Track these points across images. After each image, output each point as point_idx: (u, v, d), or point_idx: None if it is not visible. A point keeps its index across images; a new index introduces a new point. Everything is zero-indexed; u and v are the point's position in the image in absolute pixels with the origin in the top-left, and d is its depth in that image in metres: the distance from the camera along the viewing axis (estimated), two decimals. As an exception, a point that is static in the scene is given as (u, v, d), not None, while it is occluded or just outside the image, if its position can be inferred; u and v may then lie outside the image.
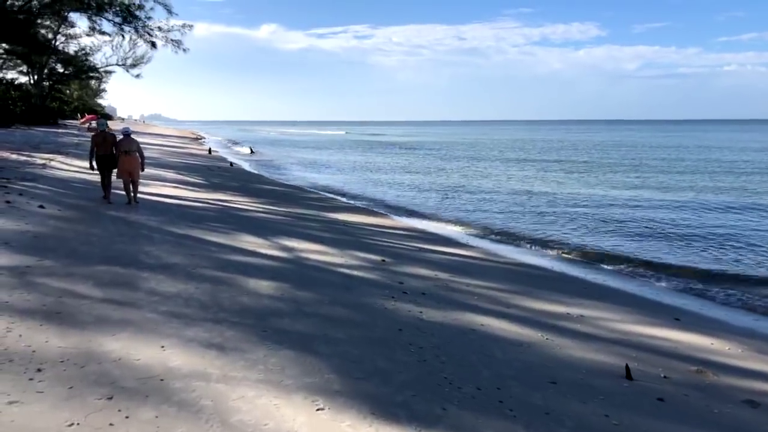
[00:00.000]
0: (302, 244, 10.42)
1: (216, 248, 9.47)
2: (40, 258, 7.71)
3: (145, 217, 11.89)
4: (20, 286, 6.43)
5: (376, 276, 8.50)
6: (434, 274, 8.99)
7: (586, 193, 21.20)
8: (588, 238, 13.43)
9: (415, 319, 6.48)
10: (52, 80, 61.41)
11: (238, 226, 11.96)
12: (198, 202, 15.16)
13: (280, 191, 21.04)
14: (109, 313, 5.80)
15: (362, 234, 12.57)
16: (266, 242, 10.36)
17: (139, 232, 10.26)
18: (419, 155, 49.08)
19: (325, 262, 9.10)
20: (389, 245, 11.33)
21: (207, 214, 13.29)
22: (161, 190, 16.85)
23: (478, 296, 7.84)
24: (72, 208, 12.11)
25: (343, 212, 16.25)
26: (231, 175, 26.21)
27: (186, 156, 36.07)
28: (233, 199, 16.79)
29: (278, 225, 12.74)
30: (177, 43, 29.38)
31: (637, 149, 55.35)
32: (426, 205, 19.16)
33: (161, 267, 7.84)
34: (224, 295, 6.78)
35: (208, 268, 8.05)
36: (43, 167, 19.39)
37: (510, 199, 20.30)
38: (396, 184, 26.13)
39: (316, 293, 7.22)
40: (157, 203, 14.28)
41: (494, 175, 30.45)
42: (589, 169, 33.57)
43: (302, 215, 14.78)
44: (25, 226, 9.65)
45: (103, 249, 8.64)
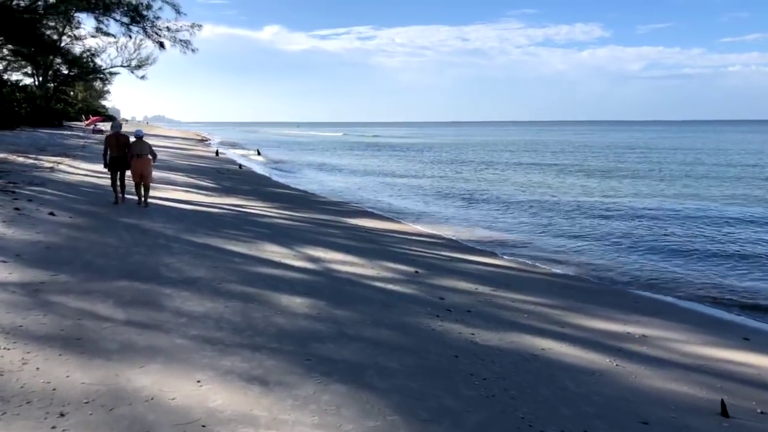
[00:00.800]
0: (329, 254, 9.83)
1: (240, 259, 8.88)
2: (54, 272, 7.12)
3: (160, 224, 11.31)
4: (35, 306, 5.84)
5: (413, 290, 7.90)
6: (474, 287, 8.39)
7: (612, 201, 20.15)
8: (625, 250, 12.66)
9: (468, 343, 5.88)
10: (57, 81, 61.03)
11: (258, 233, 11.38)
12: (212, 208, 14.58)
13: (293, 195, 20.45)
14: (134, 338, 5.20)
15: (387, 242, 11.97)
16: (291, 252, 9.76)
17: (156, 241, 9.68)
18: (430, 157, 48.44)
19: (356, 275, 8.50)
20: (418, 254, 10.72)
21: (224, 220, 12.71)
22: (173, 194, 16.28)
23: (528, 314, 7.22)
24: (84, 215, 11.53)
25: (362, 217, 15.66)
26: (241, 177, 25.64)
27: (194, 158, 35.52)
28: (247, 203, 16.21)
29: (299, 232, 12.15)
30: (185, 43, 28.82)
31: (654, 152, 52.98)
32: (448, 210, 18.51)
33: (184, 282, 7.25)
34: (256, 314, 6.19)
35: (234, 282, 7.45)
36: (51, 171, 18.85)
37: (535, 205, 19.59)
38: (413, 187, 25.51)
39: (354, 312, 6.62)
40: (171, 209, 13.70)
41: (514, 179, 29.79)
42: (609, 173, 31.96)
43: (321, 221, 14.18)
44: (36, 235, 9.08)
45: (120, 261, 8.06)
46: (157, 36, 28.36)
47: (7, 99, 48.83)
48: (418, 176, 30.79)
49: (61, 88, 64.67)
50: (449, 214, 17.71)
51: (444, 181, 28.34)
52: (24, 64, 56.26)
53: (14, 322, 5.35)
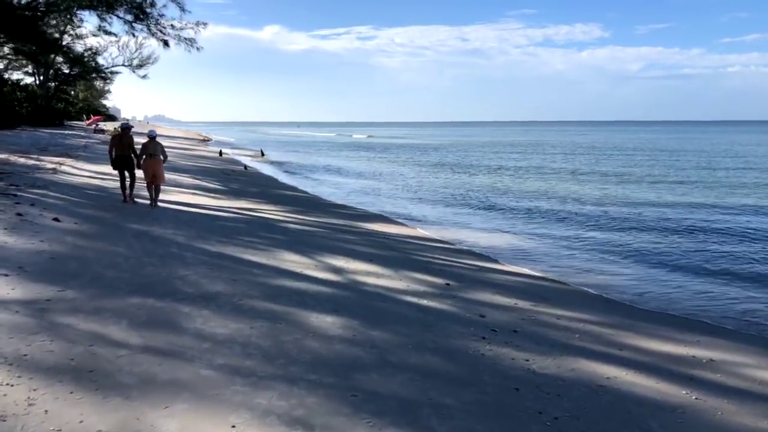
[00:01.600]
0: (351, 263, 9.21)
1: (258, 270, 8.26)
2: (60, 288, 6.50)
3: (171, 230, 10.70)
4: (40, 329, 5.23)
5: (449, 306, 7.28)
6: (512, 302, 7.77)
7: (635, 210, 19.00)
8: (659, 264, 11.69)
9: (526, 372, 5.26)
10: (58, 81, 60.46)
11: (273, 240, 10.76)
12: (222, 212, 13.96)
13: (303, 198, 19.84)
14: (155, 370, 4.58)
15: (408, 249, 11.35)
16: (311, 261, 9.15)
17: (169, 250, 9.06)
18: (437, 158, 47.82)
19: (385, 288, 7.88)
20: (444, 264, 10.10)
21: (236, 226, 12.09)
22: (181, 197, 15.67)
23: (579, 333, 6.60)
24: (90, 221, 10.92)
25: (376, 222, 15.04)
26: (248, 179, 25.03)
27: (197, 159, 34.92)
28: (258, 207, 15.60)
29: (316, 239, 11.53)
30: (190, 41, 28.08)
31: (664, 153, 50.04)
32: (464, 216, 17.84)
33: (203, 298, 6.63)
34: (287, 337, 5.57)
35: (257, 298, 6.83)
36: (54, 172, 18.23)
37: (557, 211, 18.87)
38: (424, 191, 24.86)
39: (392, 333, 6.00)
40: (180, 213, 13.09)
41: (529, 183, 29.14)
42: (625, 177, 29.63)
43: (336, 226, 13.57)
44: (41, 244, 8.46)
45: (131, 274, 7.44)
46: (161, 34, 27.68)
47: (8, 98, 48.24)
48: (429, 179, 30.14)
49: (62, 88, 64.03)
50: (466, 219, 17.06)
51: (456, 184, 27.71)
52: (25, 63, 55.64)
53: (18, 350, 4.73)
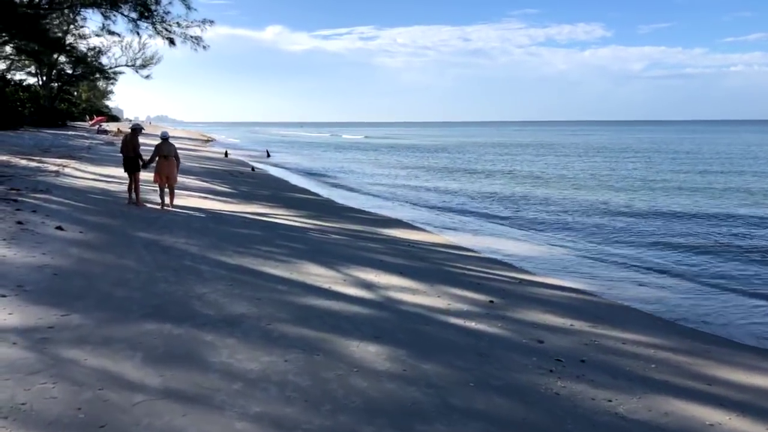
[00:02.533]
0: (381, 277, 8.41)
1: (282, 286, 7.47)
2: (64, 311, 5.72)
3: (183, 239, 9.91)
4: (41, 366, 4.44)
5: (500, 329, 6.47)
6: (567, 322, 6.96)
7: (671, 221, 17.22)
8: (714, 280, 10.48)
9: (613, 417, 4.46)
10: (61, 81, 59.85)
11: (293, 250, 9.97)
12: (235, 216, 13.18)
13: (317, 201, 19.05)
14: (179, 423, 3.79)
15: (438, 259, 10.54)
16: (338, 275, 8.35)
17: (182, 263, 8.27)
18: (448, 161, 47.01)
19: (425, 307, 7.08)
20: (480, 276, 9.30)
21: (252, 233, 11.31)
22: (190, 201, 14.89)
23: (655, 363, 5.79)
24: (96, 229, 10.14)
25: (396, 228, 14.24)
26: (257, 181, 24.27)
27: (203, 160, 34.16)
28: (271, 212, 14.82)
29: (337, 247, 10.73)
30: (196, 40, 27.30)
31: (681, 155, 48.24)
32: (488, 221, 17.03)
33: (226, 322, 5.84)
34: (328, 373, 4.77)
35: (286, 321, 6.04)
36: (57, 175, 17.48)
37: (584, 213, 18.08)
38: (439, 193, 24.07)
39: (446, 365, 5.20)
40: (191, 218, 12.31)
41: (550, 181, 28.34)
42: (652, 183, 27.61)
43: (356, 233, 12.77)
44: (42, 257, 7.68)
45: (143, 292, 6.65)
46: (167, 32, 26.91)
47: (11, 99, 47.59)
48: (443, 182, 29.33)
49: (65, 88, 63.44)
50: (487, 226, 16.24)
51: (472, 188, 26.90)
52: (28, 63, 55.04)
53: (14, 396, 3.94)
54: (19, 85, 55.74)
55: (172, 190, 13.54)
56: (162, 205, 13.30)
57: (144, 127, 14.52)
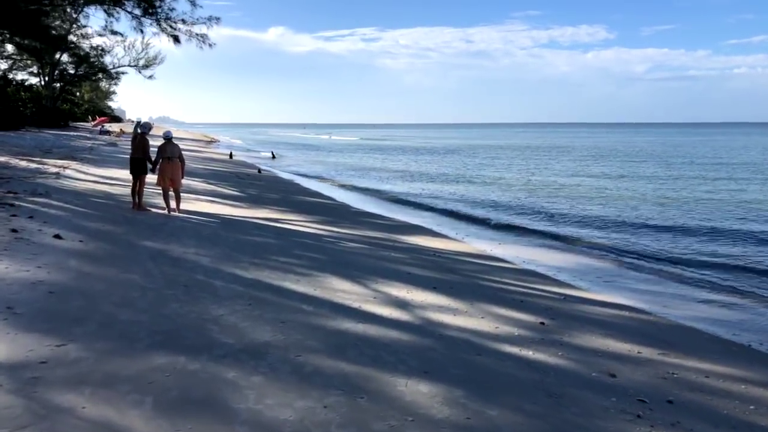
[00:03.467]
0: (414, 293, 7.57)
1: (308, 306, 6.62)
2: (60, 340, 4.88)
3: (192, 249, 9.07)
4: (30, 419, 3.59)
5: (562, 359, 5.61)
6: (635, 350, 6.10)
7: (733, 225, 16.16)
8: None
9: (738, 485, 3.60)
10: (64, 81, 59.16)
11: (312, 261, 9.12)
12: (246, 222, 12.35)
13: (329, 205, 18.20)
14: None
15: (470, 271, 9.69)
16: (366, 291, 7.51)
17: (194, 276, 7.43)
18: (460, 163, 46.19)
19: (471, 331, 6.22)
20: (522, 292, 8.44)
21: (266, 242, 10.47)
22: (198, 205, 14.07)
23: (753, 404, 4.92)
24: (97, 237, 9.30)
25: (416, 234, 13.39)
26: (265, 184, 23.46)
27: (208, 161, 33.38)
28: (283, 217, 13.99)
29: (359, 258, 9.89)
30: (202, 37, 26.50)
31: (710, 160, 46.06)
32: (514, 223, 16.18)
33: (249, 353, 4.99)
34: (379, 425, 3.92)
35: (318, 351, 5.19)
36: (57, 177, 16.67)
37: (615, 217, 17.18)
38: (456, 197, 23.21)
39: (515, 410, 4.35)
40: (199, 225, 11.47)
41: (572, 184, 27.45)
42: (689, 181, 27.75)
43: (375, 240, 11.93)
44: (37, 271, 6.84)
45: (152, 315, 5.81)
46: (172, 29, 26.12)
47: (12, 98, 46.88)
48: (458, 186, 28.48)
49: (67, 88, 62.70)
50: (514, 231, 15.38)
51: (490, 188, 26.05)
52: (30, 63, 54.36)
53: (-7, 466, 3.10)
54: (21, 84, 55.05)
55: (178, 193, 12.76)
56: (168, 209, 12.51)
57: (152, 125, 13.70)
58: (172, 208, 12.57)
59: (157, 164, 12.56)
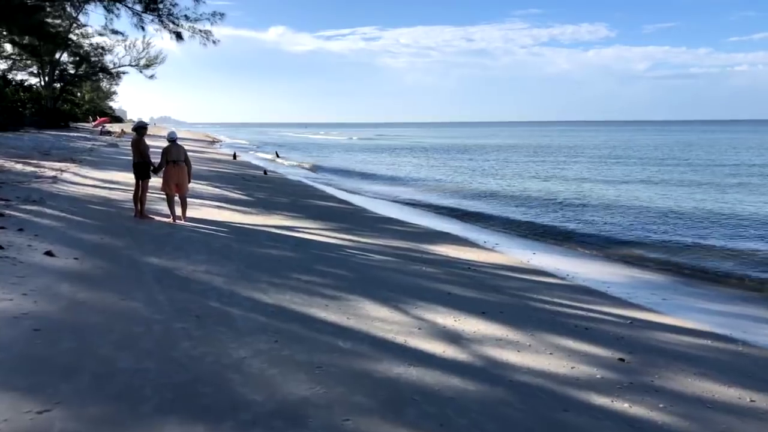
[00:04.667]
0: (462, 320, 6.49)
1: (343, 341, 5.54)
2: (43, 403, 3.81)
3: (203, 266, 8.00)
4: None
5: (668, 415, 4.52)
6: (745, 398, 5.01)
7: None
8: None
9: None
10: (64, 81, 58.23)
11: (338, 279, 8.05)
12: (258, 232, 11.28)
13: (343, 210, 17.13)
14: None
15: (516, 289, 8.60)
16: (407, 319, 6.43)
17: (206, 303, 6.36)
18: (470, 162, 45.10)
19: (545, 375, 5.13)
20: (582, 315, 7.35)
21: (283, 255, 9.39)
22: (203, 212, 13.02)
23: None
24: (95, 253, 8.23)
25: (445, 243, 12.31)
26: (272, 186, 22.40)
27: (211, 162, 32.32)
28: (297, 224, 12.91)
29: (389, 274, 8.80)
30: (206, 34, 25.49)
31: (733, 158, 46.17)
32: (544, 231, 15.09)
33: (284, 419, 3.91)
34: None
35: (369, 412, 4.11)
36: (54, 181, 15.64)
37: (660, 216, 16.03)
38: (477, 199, 22.12)
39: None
40: (208, 236, 10.41)
41: (602, 178, 26.29)
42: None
43: (401, 251, 10.85)
44: (22, 300, 5.77)
45: (159, 360, 4.73)
46: (174, 25, 25.09)
47: (12, 99, 45.89)
48: (475, 184, 27.39)
49: (67, 89, 61.78)
50: (543, 238, 14.28)
51: (510, 190, 24.95)
52: (29, 63, 53.39)
53: None
54: (20, 85, 54.10)
55: (185, 200, 11.72)
56: (173, 217, 11.47)
57: (148, 125, 12.64)
58: (178, 215, 11.54)
59: (161, 168, 11.54)
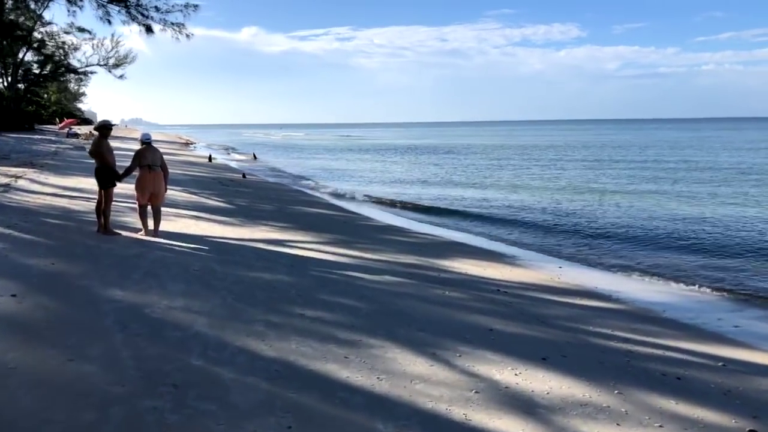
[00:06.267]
0: (522, 373, 4.96)
1: (382, 422, 3.95)
2: None
3: (180, 299, 6.32)
4: None
5: None
6: None
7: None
8: None
9: None
10: (28, 82, 55.50)
11: (351, 313, 6.44)
12: (244, 248, 9.61)
13: (334, 218, 15.51)
14: None
15: (567, 319, 7.09)
16: (455, 375, 4.87)
17: (187, 363, 4.69)
18: (456, 161, 43.79)
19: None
20: (663, 356, 5.87)
21: (278, 280, 7.74)
22: (180, 224, 11.32)
23: None
24: (40, 287, 6.49)
25: (458, 256, 10.84)
26: (253, 191, 20.68)
27: (186, 165, 30.38)
28: (286, 237, 11.28)
29: (409, 303, 7.21)
30: (178, 27, 23.60)
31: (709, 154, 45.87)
32: (564, 237, 13.62)
33: None
34: None
35: None
36: (5, 189, 13.74)
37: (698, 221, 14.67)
38: (470, 200, 20.67)
39: None
40: (186, 255, 8.72)
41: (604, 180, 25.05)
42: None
43: (413, 269, 9.29)
44: None
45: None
46: (143, 17, 23.15)
47: (-31, 100, 43.22)
48: (465, 186, 25.96)
49: (32, 89, 58.91)
50: (573, 251, 12.77)
51: (506, 192, 23.57)
52: (-10, 63, 50.60)
53: None
54: (-20, 85, 51.29)
55: (159, 211, 10.05)
56: (145, 231, 9.81)
57: (114, 125, 10.83)
58: (151, 229, 9.85)
59: (129, 173, 9.85)
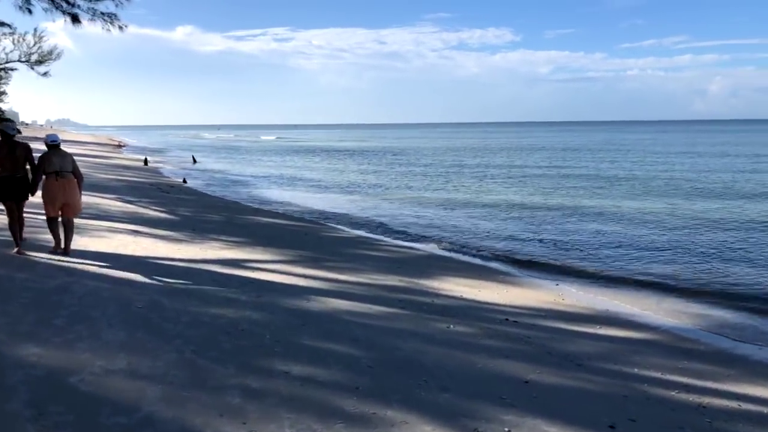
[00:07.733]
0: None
1: None
2: None
3: (120, 356, 4.70)
4: None
5: None
6: None
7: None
8: None
9: None
10: (-64, 78, 50.54)
11: (348, 367, 5.00)
12: (197, 272, 7.96)
13: (294, 229, 13.93)
14: None
15: (600, 358, 5.89)
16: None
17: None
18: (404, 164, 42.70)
19: None
20: (741, 411, 4.75)
21: (245, 318, 6.17)
22: (116, 242, 9.56)
23: None
24: None
25: (444, 274, 9.59)
26: (196, 199, 18.79)
27: (120, 170, 27.94)
28: (245, 256, 9.69)
29: (414, 344, 5.81)
30: (110, 17, 21.17)
31: (663, 156, 47.31)
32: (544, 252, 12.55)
33: None
34: None
35: None
36: None
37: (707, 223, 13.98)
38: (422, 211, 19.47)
39: None
40: (126, 285, 7.02)
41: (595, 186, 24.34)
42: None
43: (403, 294, 7.93)
44: None
45: None
46: (69, 5, 20.64)
47: None
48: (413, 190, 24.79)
49: (-59, 87, 53.83)
50: (559, 267, 11.62)
51: (467, 198, 22.52)
52: None
53: None
54: None
55: (72, 225, 8.38)
56: (56, 245, 8.18)
57: (16, 123, 8.97)
58: (62, 247, 8.20)
59: (37, 183, 8.11)
